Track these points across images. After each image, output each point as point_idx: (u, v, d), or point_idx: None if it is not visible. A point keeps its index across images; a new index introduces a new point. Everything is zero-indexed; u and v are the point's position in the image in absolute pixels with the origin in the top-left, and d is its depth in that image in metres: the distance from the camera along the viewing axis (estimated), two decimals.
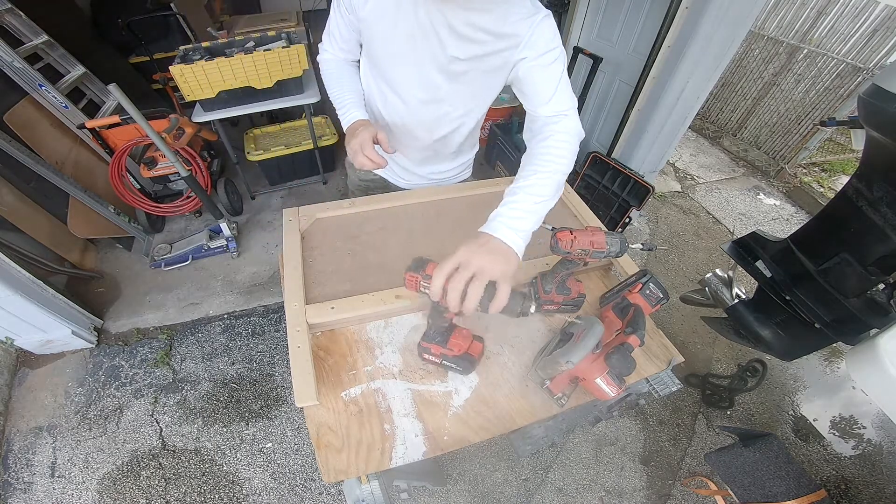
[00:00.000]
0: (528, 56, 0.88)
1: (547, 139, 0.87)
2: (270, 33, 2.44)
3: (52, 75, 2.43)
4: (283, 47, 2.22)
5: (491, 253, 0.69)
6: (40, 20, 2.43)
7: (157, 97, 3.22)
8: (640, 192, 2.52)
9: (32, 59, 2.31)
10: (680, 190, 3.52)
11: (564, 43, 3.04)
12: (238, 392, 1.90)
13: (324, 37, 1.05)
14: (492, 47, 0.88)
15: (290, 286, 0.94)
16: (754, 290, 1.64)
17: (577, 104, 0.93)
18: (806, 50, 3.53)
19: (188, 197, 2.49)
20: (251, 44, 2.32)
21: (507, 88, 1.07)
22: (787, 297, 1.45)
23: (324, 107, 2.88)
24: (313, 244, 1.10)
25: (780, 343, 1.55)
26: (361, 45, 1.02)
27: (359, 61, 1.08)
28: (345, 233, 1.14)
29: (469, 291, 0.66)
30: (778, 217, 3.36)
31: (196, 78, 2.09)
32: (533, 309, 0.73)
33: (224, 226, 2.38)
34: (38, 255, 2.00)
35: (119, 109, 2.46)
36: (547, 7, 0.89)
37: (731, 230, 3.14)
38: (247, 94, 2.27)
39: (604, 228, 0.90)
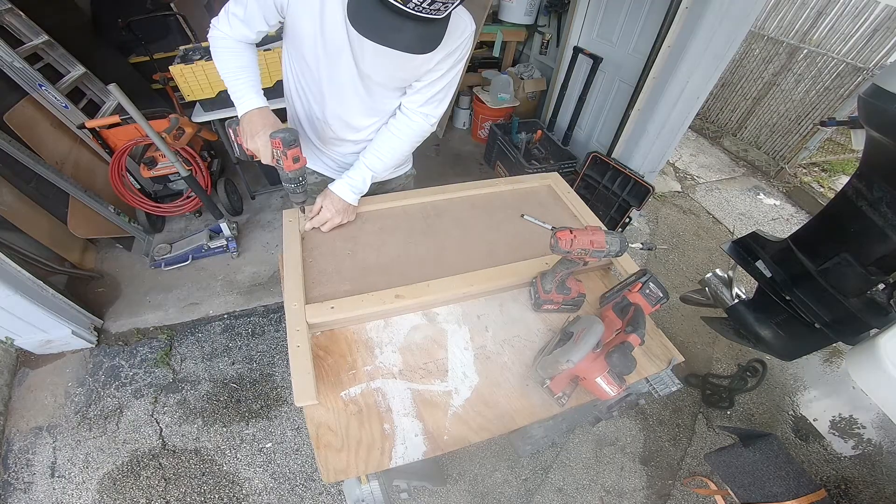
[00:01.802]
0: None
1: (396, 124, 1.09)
2: (270, 33, 2.43)
3: (52, 75, 2.43)
4: (265, 50, 2.21)
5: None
6: (40, 20, 2.43)
7: (157, 97, 3.22)
8: (640, 192, 2.52)
9: (32, 58, 2.31)
10: (680, 190, 3.52)
11: (564, 43, 3.05)
12: (238, 392, 1.89)
13: (222, 14, 0.98)
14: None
15: (290, 286, 0.94)
16: (754, 290, 1.64)
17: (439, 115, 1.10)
18: (806, 50, 3.53)
19: (188, 197, 2.49)
20: None
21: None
22: (787, 297, 1.45)
23: None
24: (313, 244, 1.10)
25: (780, 343, 1.55)
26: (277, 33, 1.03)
27: (254, 44, 1.05)
28: (345, 233, 1.14)
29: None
30: (778, 217, 3.36)
31: (196, 78, 2.08)
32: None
33: (224, 226, 2.38)
34: (38, 255, 2.00)
35: (119, 109, 2.46)
36: (547, 8, 0.90)
37: (731, 230, 3.14)
38: None
39: (604, 228, 0.90)
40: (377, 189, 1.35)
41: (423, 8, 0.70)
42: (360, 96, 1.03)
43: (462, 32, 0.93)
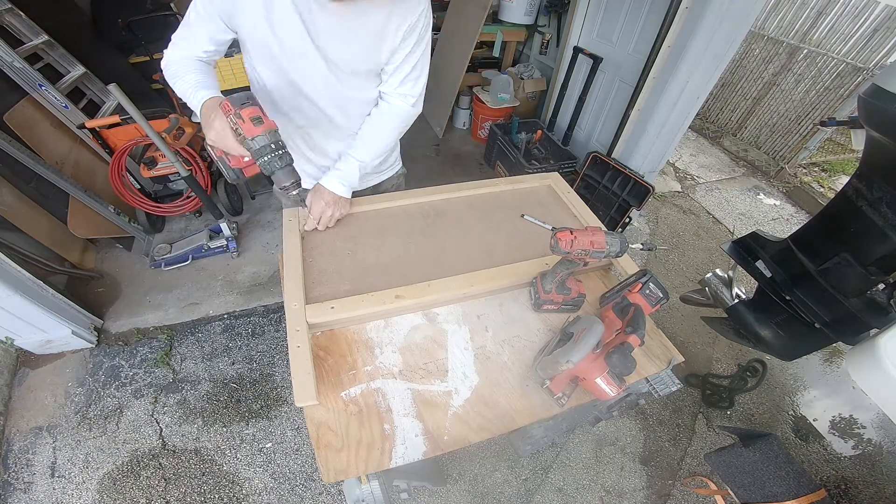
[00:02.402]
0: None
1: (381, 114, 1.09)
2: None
3: (52, 75, 2.42)
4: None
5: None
6: (40, 20, 2.43)
7: (157, 97, 3.22)
8: (640, 192, 2.52)
9: (32, 58, 2.31)
10: (680, 190, 3.52)
11: (564, 43, 3.05)
12: (238, 392, 1.90)
13: (171, 44, 0.96)
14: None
15: (290, 286, 0.94)
16: (754, 290, 1.64)
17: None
18: (806, 50, 3.53)
19: (188, 197, 2.49)
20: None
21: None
22: (787, 297, 1.45)
23: None
24: (313, 244, 1.10)
25: (780, 343, 1.55)
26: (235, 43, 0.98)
27: (207, 64, 1.00)
28: (345, 233, 1.14)
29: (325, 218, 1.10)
30: (778, 217, 3.36)
31: None
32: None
33: (224, 226, 2.38)
34: (38, 255, 2.00)
35: (119, 109, 2.46)
36: (547, 8, 0.90)
37: (731, 230, 3.14)
38: None
39: (604, 228, 0.90)
40: (370, 192, 1.34)
41: None
42: (334, 89, 1.02)
43: (418, 3, 0.93)
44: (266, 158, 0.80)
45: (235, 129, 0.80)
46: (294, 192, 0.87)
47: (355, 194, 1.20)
